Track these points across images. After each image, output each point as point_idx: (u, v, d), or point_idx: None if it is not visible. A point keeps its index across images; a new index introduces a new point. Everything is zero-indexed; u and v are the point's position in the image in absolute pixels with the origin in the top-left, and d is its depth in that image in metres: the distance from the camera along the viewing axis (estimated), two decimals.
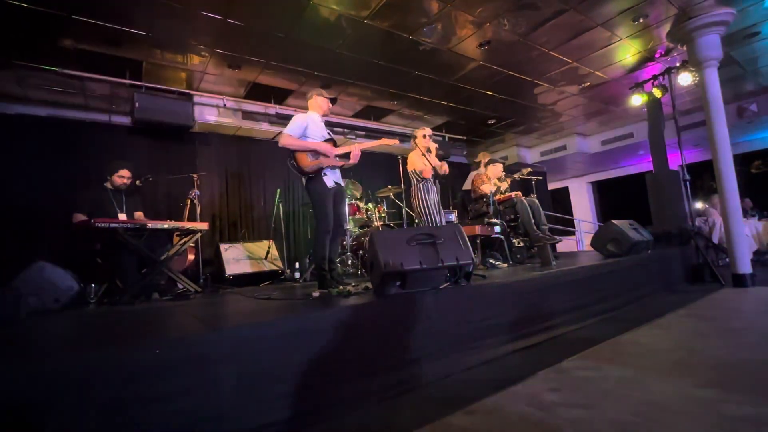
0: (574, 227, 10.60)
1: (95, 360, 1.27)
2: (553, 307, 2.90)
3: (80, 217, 3.51)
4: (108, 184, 3.77)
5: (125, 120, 4.79)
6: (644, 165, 10.31)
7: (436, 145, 3.86)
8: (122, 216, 3.71)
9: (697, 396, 1.55)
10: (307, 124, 2.90)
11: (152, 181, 3.98)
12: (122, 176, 3.74)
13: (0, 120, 4.21)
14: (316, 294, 2.54)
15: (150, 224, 3.37)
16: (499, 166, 4.78)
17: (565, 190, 12.59)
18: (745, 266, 4.10)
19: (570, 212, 11.99)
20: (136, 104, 4.39)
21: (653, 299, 3.79)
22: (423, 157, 3.73)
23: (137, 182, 3.82)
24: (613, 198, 11.87)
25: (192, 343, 1.47)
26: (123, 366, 1.29)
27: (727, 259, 4.51)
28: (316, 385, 1.69)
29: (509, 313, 2.59)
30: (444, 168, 3.75)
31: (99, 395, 1.22)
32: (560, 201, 12.33)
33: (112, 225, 3.14)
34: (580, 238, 9.85)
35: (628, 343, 2.45)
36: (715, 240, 5.83)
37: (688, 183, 4.80)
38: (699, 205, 7.79)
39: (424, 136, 3.77)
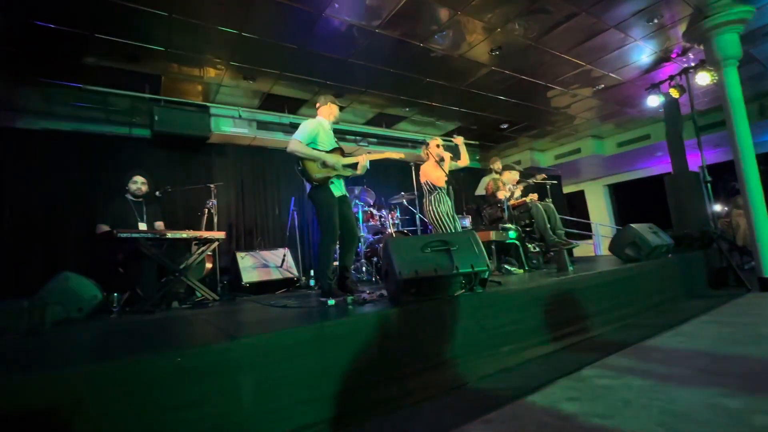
0: (590, 231, 10.41)
1: (118, 368, 1.31)
2: (570, 313, 2.86)
3: (104, 228, 3.63)
4: (128, 195, 3.89)
5: (145, 133, 4.94)
6: (662, 167, 10.07)
7: (450, 155, 3.87)
8: (143, 226, 3.82)
9: (724, 405, 1.50)
10: (318, 132, 2.90)
11: (171, 191, 4.08)
12: (135, 182, 3.84)
13: (26, 135, 4.39)
14: (331, 302, 2.55)
15: (169, 234, 3.45)
16: (516, 173, 4.75)
17: (581, 193, 12.39)
18: None
19: (586, 216, 11.78)
20: (156, 117, 4.53)
21: (675, 305, 3.69)
22: (437, 166, 3.74)
23: (157, 193, 3.92)
24: (631, 201, 11.62)
25: (211, 351, 1.50)
26: (144, 374, 1.33)
27: (753, 263, 4.37)
28: (333, 393, 1.70)
29: (526, 319, 2.56)
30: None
31: (121, 403, 1.26)
32: (576, 205, 12.13)
33: (134, 235, 3.23)
34: (598, 242, 9.68)
35: (649, 349, 2.39)
36: (739, 243, 5.65)
37: (709, 184, 4.67)
38: (718, 207, 7.57)
39: (438, 146, 3.78)
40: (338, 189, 2.98)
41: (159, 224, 3.96)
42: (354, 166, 3.07)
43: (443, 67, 4.85)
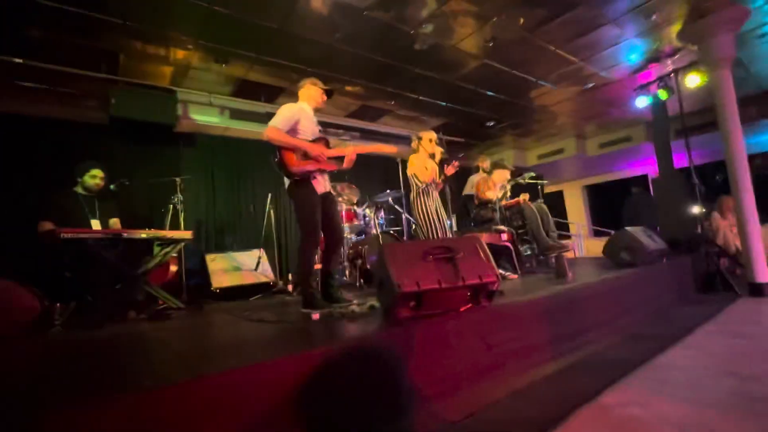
0: (568, 232, 10.45)
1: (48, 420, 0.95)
2: (575, 324, 2.64)
3: (47, 225, 3.12)
4: (79, 188, 3.40)
5: (100, 117, 4.39)
6: (639, 169, 10.20)
7: (442, 150, 3.60)
8: (96, 224, 3.34)
9: None
10: (299, 119, 2.54)
11: (129, 185, 3.60)
12: (94, 176, 3.37)
13: None
14: (315, 316, 2.22)
15: (126, 234, 3.01)
16: (506, 172, 4.53)
17: (560, 194, 12.46)
18: (764, 274, 3.91)
19: (564, 217, 11.85)
20: (112, 101, 4.01)
21: (673, 312, 3.57)
22: (427, 159, 3.50)
23: (112, 186, 3.45)
24: (607, 203, 11.76)
25: (170, 396, 1.15)
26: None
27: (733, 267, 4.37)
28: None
29: (531, 334, 2.32)
30: (438, 179, 3.55)
31: None
32: (554, 206, 12.18)
33: (82, 236, 2.78)
34: (579, 244, 9.71)
35: (666, 368, 2.19)
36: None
37: (698, 187, 4.62)
38: (697, 209, 7.67)
39: (430, 140, 3.52)
40: (322, 185, 2.65)
41: (114, 221, 3.48)
42: (340, 159, 2.74)
43: (433, 57, 4.57)
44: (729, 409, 1.62)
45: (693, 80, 4.83)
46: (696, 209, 5.21)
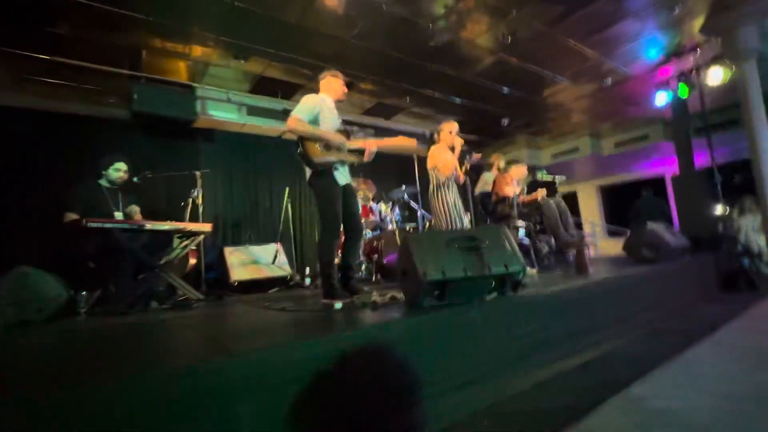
0: (582, 231, 10.31)
1: (80, 396, 0.97)
2: (597, 318, 2.61)
3: (72, 216, 3.19)
4: (103, 181, 3.46)
5: (122, 113, 4.47)
6: (656, 169, 10.03)
7: (462, 141, 3.57)
8: (119, 216, 3.40)
9: None
10: (321, 110, 2.54)
11: (151, 178, 3.65)
12: (118, 169, 3.43)
13: None
14: (338, 305, 2.22)
15: (149, 225, 3.06)
16: (524, 167, 4.48)
17: (573, 194, 12.29)
18: None
19: (578, 217, 11.69)
20: (135, 96, 4.08)
21: (696, 309, 3.49)
22: (447, 151, 3.47)
23: (135, 179, 3.50)
24: (622, 203, 11.57)
25: (202, 372, 1.16)
26: (115, 404, 1.00)
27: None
28: (349, 422, 1.38)
29: (555, 326, 2.29)
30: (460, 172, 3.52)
31: None
32: (568, 205, 12.00)
33: (107, 225, 2.83)
34: (594, 244, 9.58)
35: (697, 363, 2.14)
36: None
37: (719, 185, 4.52)
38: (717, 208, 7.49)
39: (450, 132, 3.50)
40: (343, 176, 2.64)
41: (134, 209, 3.51)
42: (360, 152, 2.73)
43: (450, 53, 4.55)
44: (766, 403, 1.58)
45: (716, 75, 4.73)
46: (718, 208, 5.10)
